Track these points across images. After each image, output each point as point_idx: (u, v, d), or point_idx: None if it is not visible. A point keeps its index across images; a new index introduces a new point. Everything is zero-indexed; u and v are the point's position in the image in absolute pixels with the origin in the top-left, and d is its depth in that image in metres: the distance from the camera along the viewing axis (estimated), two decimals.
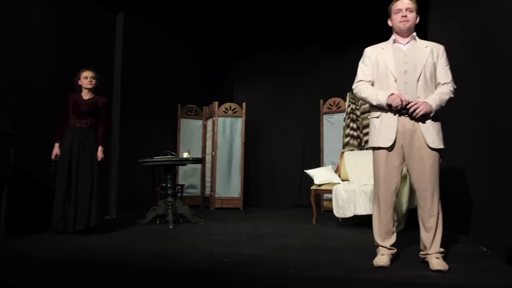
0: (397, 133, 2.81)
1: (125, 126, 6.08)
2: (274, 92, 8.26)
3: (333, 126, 7.09)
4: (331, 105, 7.18)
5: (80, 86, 4.43)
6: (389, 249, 2.90)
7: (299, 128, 8.01)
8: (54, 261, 3.08)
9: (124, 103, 6.12)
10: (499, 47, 3.06)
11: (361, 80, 3.01)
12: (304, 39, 7.96)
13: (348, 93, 6.56)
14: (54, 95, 4.93)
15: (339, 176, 5.48)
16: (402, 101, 2.72)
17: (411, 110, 2.72)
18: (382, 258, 2.83)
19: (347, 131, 6.46)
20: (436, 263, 2.65)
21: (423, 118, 2.75)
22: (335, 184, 5.05)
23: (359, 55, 3.17)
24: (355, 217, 4.66)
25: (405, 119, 2.78)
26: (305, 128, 7.93)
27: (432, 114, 2.74)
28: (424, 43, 2.91)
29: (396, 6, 2.89)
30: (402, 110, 2.75)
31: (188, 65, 8.07)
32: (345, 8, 7.10)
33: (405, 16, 2.85)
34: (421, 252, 2.81)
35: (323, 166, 6.68)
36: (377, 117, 2.89)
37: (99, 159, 4.31)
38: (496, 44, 3.15)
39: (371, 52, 3.03)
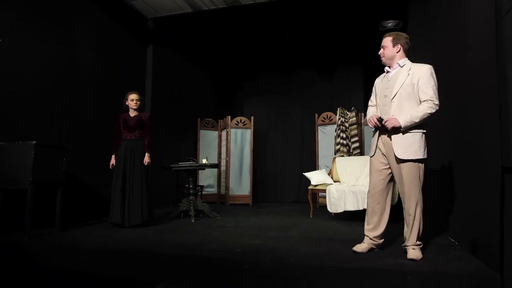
0: (377, 145, 2.88)
1: (154, 137, 6.12)
2: (277, 107, 8.28)
3: (326, 136, 7.09)
4: (324, 118, 7.20)
5: (127, 106, 4.50)
6: (371, 239, 2.91)
7: (297, 137, 8.02)
8: (96, 251, 3.11)
9: (153, 118, 6.14)
10: (461, 72, 3.08)
11: (369, 105, 3.10)
12: (301, 63, 8.00)
13: (338, 108, 6.57)
14: (99, 115, 5.04)
15: (332, 178, 5.48)
16: (375, 121, 2.79)
17: (385, 125, 2.76)
18: (361, 245, 2.90)
19: (338, 140, 6.47)
20: (411, 253, 2.67)
21: (393, 132, 2.75)
22: (328, 184, 5.06)
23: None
24: (345, 212, 4.66)
25: (386, 134, 2.82)
26: (302, 138, 7.94)
27: (403, 128, 2.70)
28: (409, 67, 2.83)
29: None
30: (380, 127, 2.81)
31: (206, 85, 8.13)
32: (334, 38, 7.14)
33: (381, 52, 2.94)
34: (403, 244, 2.81)
35: (318, 169, 6.69)
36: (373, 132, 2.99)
37: (146, 163, 4.38)
38: (458, 70, 3.16)
39: (376, 81, 3.08)
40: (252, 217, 5.31)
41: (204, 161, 5.38)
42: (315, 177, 5.31)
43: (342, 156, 6.19)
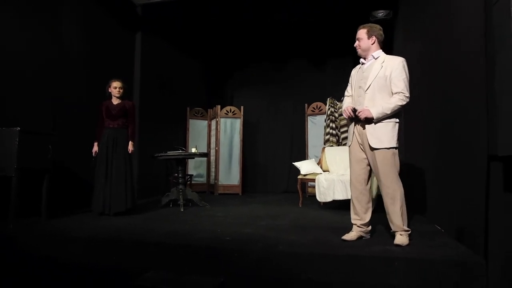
0: (353, 135, 2.96)
1: (143, 126, 6.06)
2: (267, 97, 8.25)
3: (315, 126, 7.11)
4: (314, 108, 7.20)
5: (110, 93, 4.43)
6: (359, 227, 2.96)
7: (287, 127, 8.01)
8: (84, 239, 3.08)
9: (142, 107, 6.10)
10: (450, 63, 3.10)
11: (345, 96, 3.14)
12: (291, 53, 7.96)
13: (328, 98, 6.58)
14: (85, 102, 4.95)
15: (321, 167, 5.51)
16: (350, 112, 2.85)
17: (358, 115, 2.83)
18: (350, 234, 2.96)
19: (327, 130, 6.49)
20: (398, 238, 2.73)
21: (367, 122, 2.81)
22: (318, 174, 5.08)
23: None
24: (334, 201, 4.69)
25: (361, 124, 2.88)
26: (292, 127, 7.94)
27: (375, 119, 2.76)
28: (383, 59, 2.87)
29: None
30: (354, 118, 2.87)
31: (196, 74, 8.05)
32: (325, 28, 7.12)
33: (357, 45, 2.98)
34: (391, 230, 2.84)
35: (307, 159, 6.72)
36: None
37: (130, 151, 4.36)
38: (447, 60, 3.18)
39: (352, 72, 3.13)
40: (241, 206, 5.31)
41: (193, 150, 5.35)
42: (305, 167, 5.33)
43: (332, 146, 6.22)
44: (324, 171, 5.39)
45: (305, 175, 5.26)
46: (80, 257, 2.94)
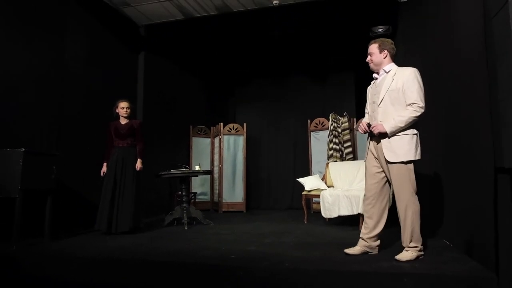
0: (369, 149, 2.96)
1: (147, 144, 6.07)
2: (270, 113, 8.28)
3: (319, 141, 7.10)
4: (317, 124, 7.22)
5: (118, 114, 4.50)
6: (365, 241, 2.92)
7: (290, 143, 8.01)
8: (88, 259, 3.05)
9: (145, 125, 6.10)
10: (452, 74, 3.11)
11: (365, 113, 3.13)
12: (293, 69, 8.04)
13: (331, 114, 6.60)
14: (89, 122, 4.99)
15: (325, 183, 5.47)
16: (365, 127, 2.87)
17: (372, 130, 2.84)
18: (354, 248, 2.95)
19: (331, 145, 6.48)
20: (401, 254, 2.70)
21: (381, 137, 2.80)
22: (322, 190, 5.05)
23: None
24: (340, 217, 4.64)
25: (376, 139, 2.86)
26: (295, 143, 7.93)
27: (389, 133, 2.74)
28: (394, 71, 2.85)
29: None
30: (369, 132, 2.89)
31: (198, 92, 8.12)
32: (326, 43, 7.22)
33: (369, 59, 2.97)
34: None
35: (311, 175, 6.68)
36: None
37: (139, 169, 4.40)
38: (449, 72, 3.20)
39: (368, 89, 3.12)
40: (246, 224, 5.27)
41: (197, 168, 5.35)
42: (309, 183, 5.30)
43: (335, 161, 6.20)
44: (328, 186, 5.36)
45: (309, 191, 5.22)
46: (84, 278, 2.91)
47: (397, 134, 2.74)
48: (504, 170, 2.11)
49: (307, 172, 6.99)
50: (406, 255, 2.68)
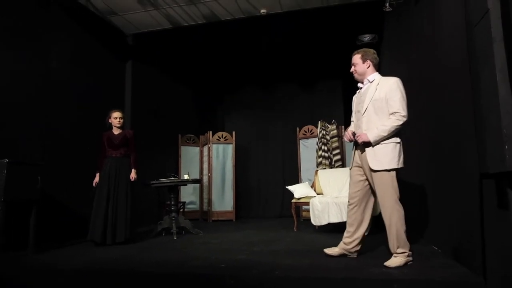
0: (354, 158, 3.05)
1: None
2: (258, 121, 8.31)
3: (307, 149, 7.13)
4: (305, 131, 7.25)
5: (111, 124, 4.51)
6: (344, 244, 3.06)
7: (279, 151, 8.04)
8: (75, 271, 2.99)
9: (133, 134, 6.09)
10: (435, 82, 3.18)
11: (351, 120, 3.20)
12: (281, 77, 8.10)
13: (319, 121, 6.65)
14: (76, 131, 4.93)
15: (315, 190, 5.49)
16: (350, 135, 2.96)
17: (356, 139, 2.92)
18: (333, 249, 3.12)
19: (320, 153, 6.52)
20: (390, 260, 2.73)
21: (366, 146, 2.88)
22: (312, 197, 5.06)
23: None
24: (329, 224, 4.66)
25: (361, 147, 2.95)
26: (284, 151, 7.97)
27: (373, 142, 2.81)
28: (378, 81, 2.92)
29: None
30: (355, 141, 2.97)
31: (187, 101, 8.10)
32: (314, 52, 7.30)
33: (353, 70, 3.06)
34: None
35: (301, 182, 6.69)
36: None
37: (133, 179, 4.42)
38: (433, 80, 3.26)
39: (353, 98, 3.20)
40: (235, 232, 5.24)
41: (185, 176, 5.31)
42: (298, 190, 5.31)
43: (324, 168, 6.23)
44: (318, 194, 5.37)
45: (299, 198, 5.23)
46: None
47: (381, 143, 2.82)
48: (489, 176, 2.14)
49: (296, 180, 7.00)
50: (395, 261, 2.71)
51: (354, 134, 2.94)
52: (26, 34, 4.40)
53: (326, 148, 6.48)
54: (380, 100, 2.83)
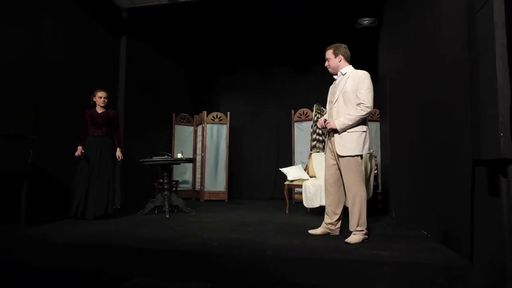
0: (327, 143, 3.30)
1: (128, 131, 5.99)
2: (253, 103, 8.27)
3: (302, 132, 7.15)
4: (300, 114, 7.24)
5: (95, 102, 4.54)
6: (326, 224, 3.32)
7: (274, 133, 8.04)
8: (66, 245, 2.99)
9: (127, 112, 6.04)
10: (433, 68, 3.16)
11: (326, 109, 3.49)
12: (278, 60, 8.02)
13: (315, 105, 6.63)
14: (68, 106, 4.86)
15: (308, 173, 5.53)
16: (322, 122, 3.24)
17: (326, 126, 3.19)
18: (316, 229, 3.37)
19: (314, 136, 6.53)
20: (350, 237, 2.98)
21: (335, 132, 3.15)
22: (305, 180, 5.10)
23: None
24: (321, 207, 4.69)
25: (332, 134, 3.21)
26: (279, 133, 7.97)
27: (339, 130, 3.09)
28: (349, 74, 3.17)
29: None
30: (326, 128, 3.24)
31: (182, 80, 8.01)
32: (311, 34, 7.20)
33: (327, 64, 3.33)
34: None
35: (294, 165, 6.73)
36: None
37: (120, 159, 4.59)
38: (431, 66, 3.24)
39: (329, 89, 3.46)
40: (228, 212, 5.28)
41: (179, 155, 5.30)
42: (292, 173, 5.34)
43: (318, 152, 6.25)
44: (311, 176, 5.41)
45: (292, 181, 5.26)
46: (62, 264, 2.85)
47: (348, 131, 3.09)
48: (482, 163, 2.16)
49: (290, 163, 7.04)
50: (354, 238, 2.96)
51: (325, 121, 3.21)
52: (18, 8, 4.26)
53: (320, 132, 6.48)
54: (349, 92, 3.10)
